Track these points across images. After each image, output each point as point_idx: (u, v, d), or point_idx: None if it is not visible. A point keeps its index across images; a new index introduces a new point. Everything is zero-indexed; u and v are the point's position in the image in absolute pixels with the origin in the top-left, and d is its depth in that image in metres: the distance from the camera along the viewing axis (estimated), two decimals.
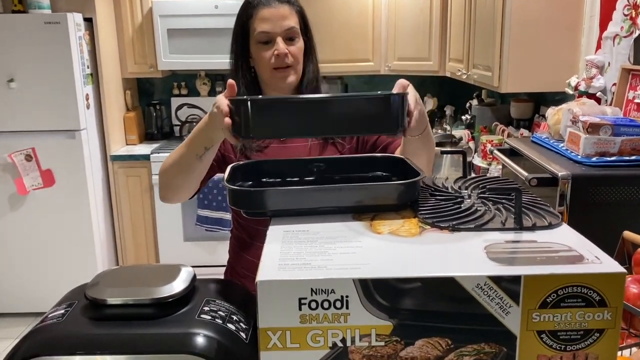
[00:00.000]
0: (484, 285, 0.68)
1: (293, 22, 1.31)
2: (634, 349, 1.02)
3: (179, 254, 3.35)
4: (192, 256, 3.34)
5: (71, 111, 3.05)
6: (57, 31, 2.94)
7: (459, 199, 0.95)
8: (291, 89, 1.37)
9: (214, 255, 3.31)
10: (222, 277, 1.50)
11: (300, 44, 1.34)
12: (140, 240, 3.43)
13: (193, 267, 3.19)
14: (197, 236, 3.30)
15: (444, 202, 0.93)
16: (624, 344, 0.99)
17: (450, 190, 1.02)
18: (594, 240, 0.84)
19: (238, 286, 1.03)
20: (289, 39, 1.31)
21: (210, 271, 3.27)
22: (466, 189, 1.03)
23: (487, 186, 1.02)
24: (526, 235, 0.81)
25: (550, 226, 0.84)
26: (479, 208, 0.90)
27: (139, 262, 3.46)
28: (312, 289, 0.68)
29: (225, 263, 1.51)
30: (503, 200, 0.94)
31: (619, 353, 1.00)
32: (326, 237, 0.81)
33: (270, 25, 1.29)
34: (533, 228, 0.83)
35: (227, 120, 0.95)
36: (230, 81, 1.03)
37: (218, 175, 1.34)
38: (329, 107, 0.93)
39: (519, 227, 0.83)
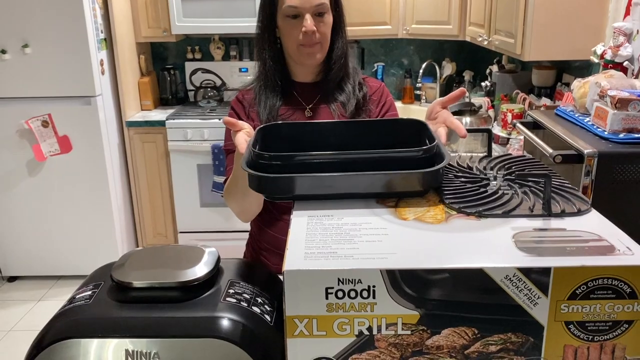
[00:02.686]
0: (513, 276, 0.68)
1: None
2: None
3: (195, 220, 3.38)
4: (208, 222, 3.36)
5: (86, 77, 3.03)
6: None
7: (485, 182, 0.94)
8: (317, 65, 1.34)
9: (230, 222, 3.33)
10: (238, 243, 1.51)
11: (329, 19, 1.30)
12: (157, 205, 3.46)
13: (209, 232, 3.25)
14: (214, 202, 3.31)
15: (469, 185, 0.92)
16: None
17: (475, 170, 1.00)
18: (621, 220, 0.83)
19: (261, 266, 1.04)
20: (318, 15, 1.27)
21: (226, 237, 3.31)
22: (491, 169, 1.00)
23: (515, 169, 0.99)
24: (555, 223, 0.80)
25: (579, 212, 0.82)
26: (505, 192, 0.88)
27: (156, 227, 3.50)
28: (339, 279, 0.68)
29: (241, 229, 1.51)
30: (530, 183, 0.93)
31: None
32: (351, 223, 0.80)
33: (299, 0, 1.25)
34: (562, 214, 0.81)
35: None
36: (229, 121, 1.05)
37: None
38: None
39: (548, 213, 0.81)
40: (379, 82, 1.45)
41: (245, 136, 1.01)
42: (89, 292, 0.85)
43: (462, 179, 0.95)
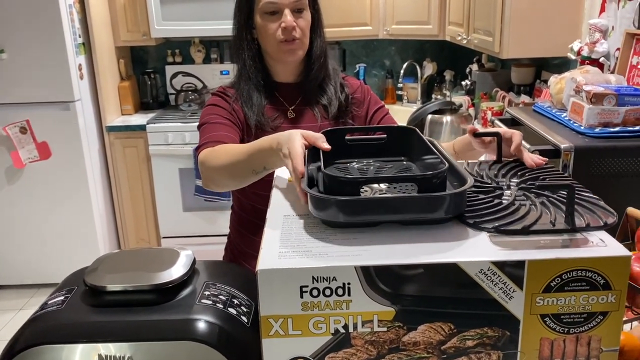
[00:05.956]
0: (487, 270, 0.68)
1: None
2: (635, 323, 1.02)
3: (178, 225, 3.35)
4: (191, 226, 3.34)
5: (64, 82, 2.99)
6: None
7: (498, 192, 0.85)
8: (297, 63, 1.33)
9: (214, 225, 3.31)
10: (222, 247, 1.49)
11: (308, 16, 1.30)
12: (140, 211, 3.43)
13: (193, 237, 3.20)
14: (197, 206, 3.29)
15: (482, 195, 0.84)
16: (625, 318, 0.99)
17: (485, 178, 0.91)
18: None
19: (238, 267, 1.02)
20: (297, 11, 1.27)
21: (210, 240, 3.28)
22: (503, 176, 0.93)
23: (528, 176, 0.92)
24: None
25: (605, 226, 0.75)
26: (522, 204, 0.80)
27: (139, 233, 3.46)
28: (313, 277, 0.67)
29: (225, 233, 1.49)
30: (546, 192, 0.84)
31: None
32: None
33: None
34: (587, 229, 0.74)
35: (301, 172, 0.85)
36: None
37: None
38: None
39: (571, 227, 0.74)
40: (358, 80, 1.45)
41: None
42: (62, 297, 0.83)
43: (473, 188, 0.86)
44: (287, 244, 0.73)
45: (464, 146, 1.16)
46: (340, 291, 0.68)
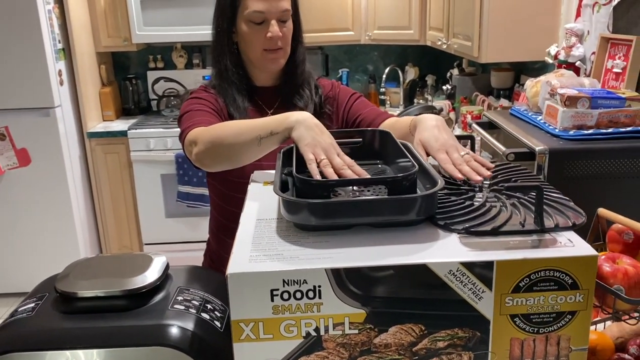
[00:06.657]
0: (457, 271, 0.68)
1: (287, 4, 1.27)
2: (608, 323, 1.04)
3: (161, 231, 3.33)
4: (174, 233, 3.31)
5: (44, 88, 2.96)
6: (24, 4, 2.83)
7: (470, 193, 0.87)
8: (279, 70, 1.34)
9: (196, 231, 3.29)
10: (201, 253, 1.48)
11: (291, 25, 1.31)
12: (122, 217, 3.40)
13: (176, 243, 3.14)
14: (179, 212, 3.27)
15: (454, 197, 0.85)
16: (598, 318, 1.00)
17: (458, 181, 0.92)
18: None
19: (213, 272, 1.02)
20: (281, 21, 1.27)
21: (193, 247, 3.26)
22: None
23: (500, 177, 0.93)
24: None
25: (574, 226, 0.75)
26: (493, 205, 0.81)
27: (121, 240, 3.43)
28: (284, 280, 0.67)
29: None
30: (517, 193, 0.86)
31: (592, 327, 1.02)
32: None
33: (265, 5, 1.24)
34: (555, 229, 0.75)
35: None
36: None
37: None
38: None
39: (540, 228, 0.75)
40: (329, 80, 1.45)
41: None
42: (32, 305, 0.82)
43: (446, 191, 0.88)
44: (259, 248, 0.73)
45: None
46: (311, 294, 0.68)
